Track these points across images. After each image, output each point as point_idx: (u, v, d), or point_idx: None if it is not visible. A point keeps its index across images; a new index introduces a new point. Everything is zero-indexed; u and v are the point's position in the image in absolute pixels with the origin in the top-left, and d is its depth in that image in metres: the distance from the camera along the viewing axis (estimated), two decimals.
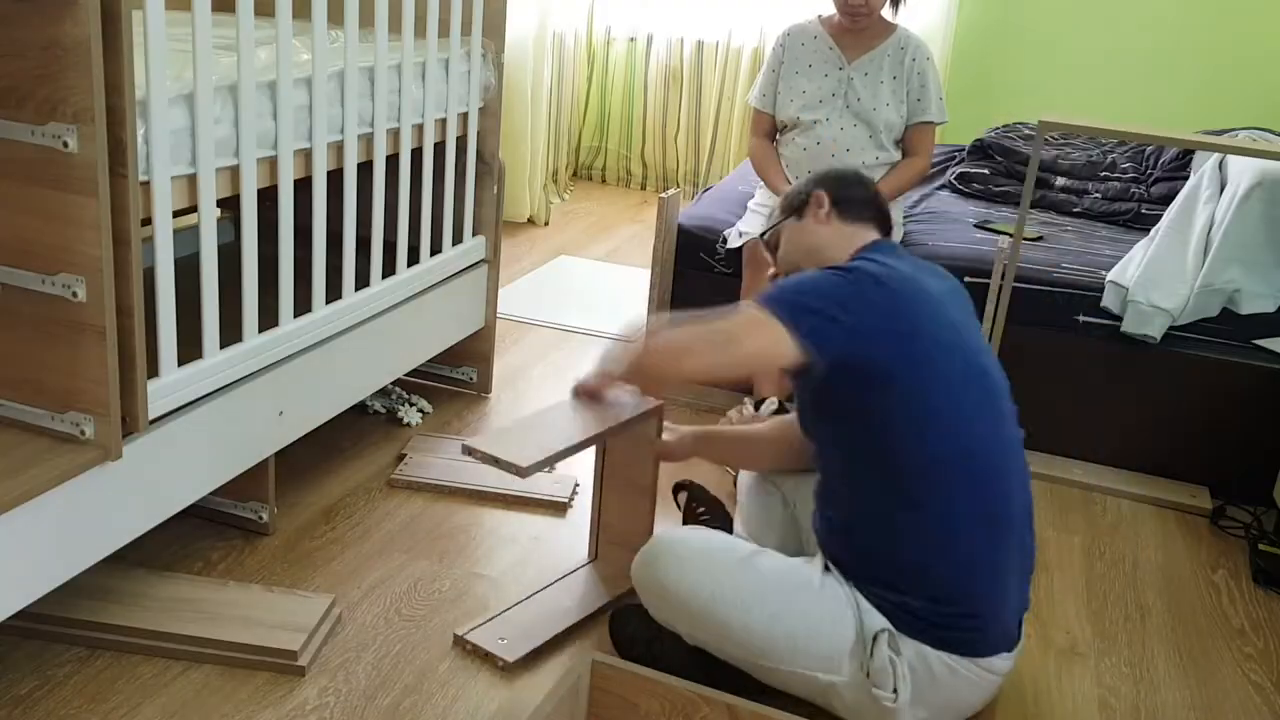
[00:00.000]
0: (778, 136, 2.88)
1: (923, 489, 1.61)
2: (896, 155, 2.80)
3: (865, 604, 1.63)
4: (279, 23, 1.85)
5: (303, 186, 2.00)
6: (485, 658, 1.81)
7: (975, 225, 3.09)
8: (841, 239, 1.80)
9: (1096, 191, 3.37)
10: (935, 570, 1.62)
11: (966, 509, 1.61)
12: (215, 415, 1.86)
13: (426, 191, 2.44)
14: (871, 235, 1.83)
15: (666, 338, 1.65)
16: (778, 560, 1.72)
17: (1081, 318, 2.63)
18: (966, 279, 2.62)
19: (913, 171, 2.83)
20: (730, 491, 2.30)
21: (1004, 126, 3.71)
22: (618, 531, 2.07)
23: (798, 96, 2.80)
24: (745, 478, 2.12)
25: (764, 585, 1.66)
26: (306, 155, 2.01)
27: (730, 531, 2.11)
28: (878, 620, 1.62)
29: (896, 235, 2.87)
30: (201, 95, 1.70)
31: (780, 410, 2.59)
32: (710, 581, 1.66)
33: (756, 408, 2.62)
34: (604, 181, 5.31)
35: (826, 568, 1.69)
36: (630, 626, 1.80)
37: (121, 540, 1.70)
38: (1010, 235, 2.76)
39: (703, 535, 1.76)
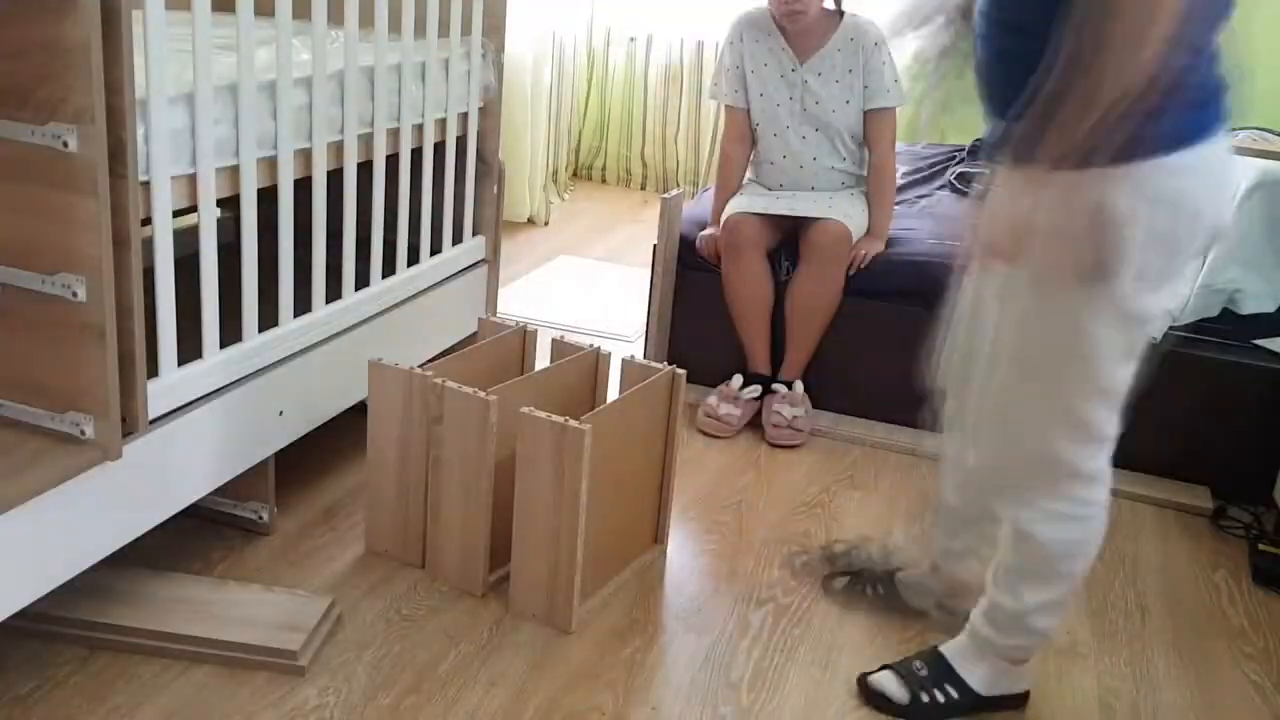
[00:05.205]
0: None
1: None
2: (862, 155, 2.76)
3: None
4: (279, 23, 1.85)
5: (303, 186, 2.01)
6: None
7: None
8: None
9: None
10: None
11: None
12: (215, 415, 1.86)
13: (426, 191, 2.44)
14: None
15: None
16: None
17: None
18: None
19: (886, 179, 2.72)
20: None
21: None
22: None
23: (755, 99, 2.73)
24: None
25: None
26: (306, 155, 2.01)
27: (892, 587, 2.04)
28: None
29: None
30: (201, 95, 1.70)
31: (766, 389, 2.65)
32: None
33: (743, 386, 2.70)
34: (604, 181, 5.31)
35: None
36: None
37: (121, 540, 1.70)
38: None
39: None
